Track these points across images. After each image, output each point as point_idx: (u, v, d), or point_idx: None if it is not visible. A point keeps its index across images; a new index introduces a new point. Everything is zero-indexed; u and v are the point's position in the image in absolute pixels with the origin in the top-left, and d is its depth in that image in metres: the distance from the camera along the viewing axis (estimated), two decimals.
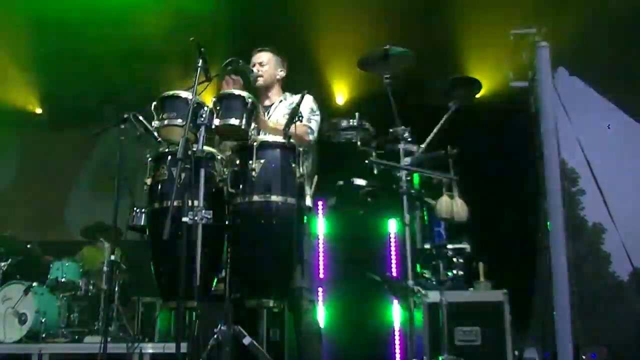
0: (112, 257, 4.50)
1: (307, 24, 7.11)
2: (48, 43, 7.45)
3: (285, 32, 6.85)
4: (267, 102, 4.26)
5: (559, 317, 3.36)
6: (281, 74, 4.31)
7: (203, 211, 3.11)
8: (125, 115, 4.35)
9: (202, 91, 3.55)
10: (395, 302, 6.16)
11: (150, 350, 5.17)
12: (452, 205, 3.86)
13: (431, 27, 6.90)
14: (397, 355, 6.21)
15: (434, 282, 4.03)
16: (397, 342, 6.28)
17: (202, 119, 3.31)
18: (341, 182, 4.03)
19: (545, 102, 3.71)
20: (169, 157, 3.44)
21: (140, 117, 4.22)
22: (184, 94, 3.44)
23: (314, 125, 4.04)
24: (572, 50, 6.47)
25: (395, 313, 6.31)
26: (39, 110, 8.73)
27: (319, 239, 6.48)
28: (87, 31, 7.18)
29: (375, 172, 3.88)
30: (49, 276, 6.45)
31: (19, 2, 6.98)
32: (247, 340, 3.41)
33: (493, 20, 6.49)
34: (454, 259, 4.01)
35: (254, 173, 3.36)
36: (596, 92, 7.55)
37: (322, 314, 6.10)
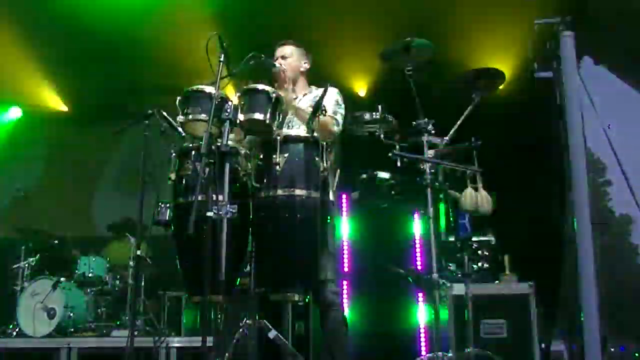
0: (138, 252, 4.54)
1: (327, 17, 7.08)
2: (73, 40, 7.52)
3: (305, 25, 6.83)
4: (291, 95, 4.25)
5: (586, 310, 3.33)
6: (305, 66, 4.29)
7: (227, 205, 3.12)
8: (150, 111, 4.39)
9: (225, 86, 3.56)
10: (421, 295, 6.14)
11: (177, 344, 5.22)
12: (476, 198, 3.84)
13: (453, 18, 6.84)
14: (423, 349, 6.19)
15: (459, 275, 4.01)
16: (422, 335, 6.27)
17: (227, 114, 3.32)
18: (365, 176, 4.02)
19: (570, 92, 3.65)
20: (193, 152, 3.45)
21: (164, 113, 4.25)
22: (207, 88, 3.45)
23: (340, 116, 4.02)
24: (598, 39, 6.37)
25: (421, 306, 6.29)
26: (64, 108, 8.83)
27: (342, 232, 6.47)
28: (110, 28, 7.23)
29: (399, 164, 3.87)
30: (76, 271, 6.54)
31: (44, 1, 7.05)
32: (272, 334, 3.43)
33: (516, 9, 6.41)
34: (479, 252, 4.00)
35: (277, 167, 3.37)
36: (622, 81, 7.44)
37: (346, 308, 6.10)
